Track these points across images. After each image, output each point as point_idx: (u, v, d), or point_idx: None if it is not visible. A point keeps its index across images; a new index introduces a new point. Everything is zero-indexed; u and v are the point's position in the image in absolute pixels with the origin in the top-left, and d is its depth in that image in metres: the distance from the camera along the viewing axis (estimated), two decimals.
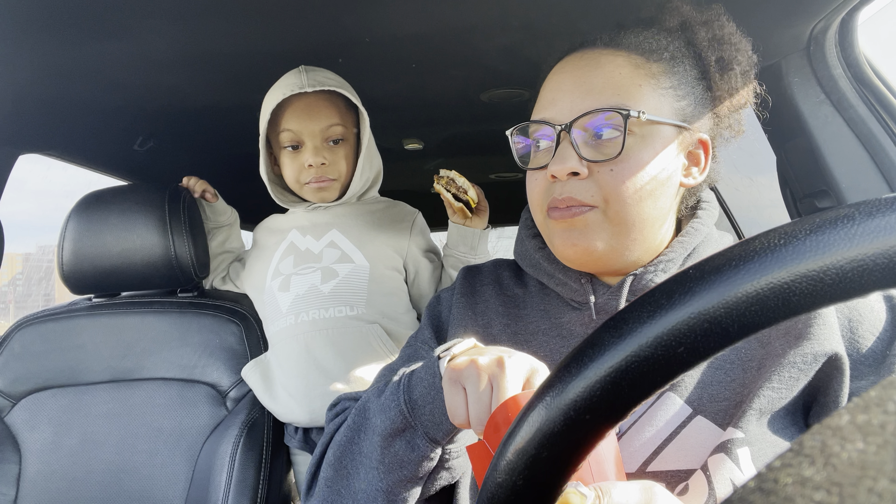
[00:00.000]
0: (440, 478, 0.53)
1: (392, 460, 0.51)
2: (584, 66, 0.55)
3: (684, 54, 0.56)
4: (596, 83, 0.54)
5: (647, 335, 0.24)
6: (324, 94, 1.00)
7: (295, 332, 1.00)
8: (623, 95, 0.53)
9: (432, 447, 0.50)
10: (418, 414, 0.50)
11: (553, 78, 0.58)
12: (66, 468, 1.01)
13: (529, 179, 0.59)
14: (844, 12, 0.82)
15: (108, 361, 1.07)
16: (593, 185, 0.53)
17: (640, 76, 0.53)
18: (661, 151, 0.53)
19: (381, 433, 0.52)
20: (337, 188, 1.05)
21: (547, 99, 0.57)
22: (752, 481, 0.13)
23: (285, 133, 1.01)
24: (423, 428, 0.50)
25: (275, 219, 1.15)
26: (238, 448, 0.98)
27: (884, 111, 0.87)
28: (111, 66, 0.92)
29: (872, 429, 0.13)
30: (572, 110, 0.54)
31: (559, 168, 0.53)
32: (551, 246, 0.59)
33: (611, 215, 0.53)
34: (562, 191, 0.54)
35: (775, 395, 0.48)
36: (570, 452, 0.26)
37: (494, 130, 1.67)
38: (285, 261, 1.06)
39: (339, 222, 1.07)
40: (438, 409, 0.49)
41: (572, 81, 0.55)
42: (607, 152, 0.52)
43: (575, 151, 0.53)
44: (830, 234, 0.22)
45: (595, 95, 0.53)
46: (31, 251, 30.24)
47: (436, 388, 0.49)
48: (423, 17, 0.83)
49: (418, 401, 0.50)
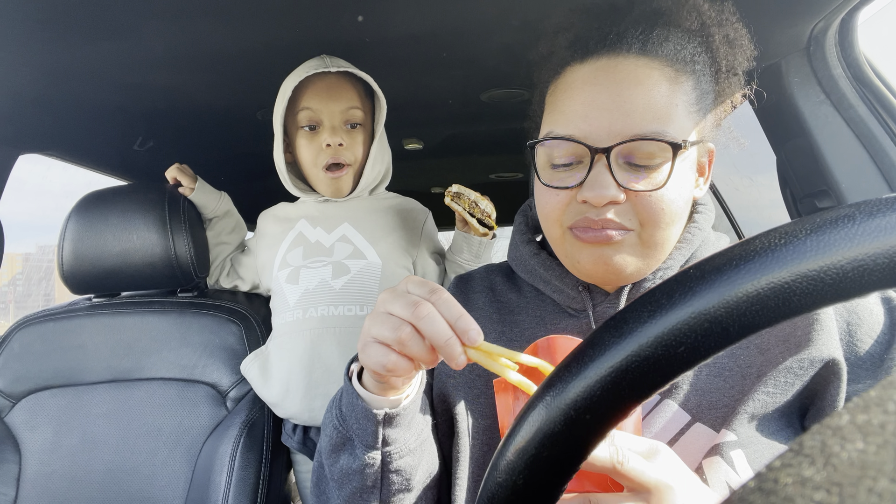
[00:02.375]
0: (393, 483, 0.52)
1: (341, 475, 0.52)
2: (621, 81, 0.50)
3: (704, 62, 0.53)
4: (637, 104, 0.49)
5: (647, 335, 0.24)
6: (346, 77, 1.00)
7: (302, 327, 0.99)
8: (663, 120, 0.49)
9: (370, 452, 0.50)
10: (349, 425, 0.51)
11: (583, 89, 0.52)
12: (65, 468, 1.01)
13: (546, 193, 0.54)
14: (844, 12, 0.81)
15: (108, 361, 1.07)
16: (630, 210, 0.50)
17: (675, 95, 0.51)
18: (689, 173, 0.52)
19: (327, 451, 0.53)
20: (350, 178, 1.04)
21: (577, 113, 0.51)
22: (752, 481, 0.13)
23: (304, 112, 0.99)
24: (357, 436, 0.51)
25: (282, 207, 1.13)
26: (238, 448, 0.97)
27: (884, 111, 0.87)
28: (111, 66, 0.92)
29: (872, 429, 0.13)
30: (611, 133, 0.49)
31: (597, 196, 0.49)
32: (572, 261, 0.55)
33: (644, 238, 0.51)
34: (598, 214, 0.50)
35: (769, 398, 0.48)
36: (570, 452, 0.26)
37: (494, 130, 1.67)
38: (294, 251, 1.04)
39: (351, 216, 1.05)
40: (360, 414, 0.49)
41: (609, 99, 0.50)
42: (650, 182, 0.50)
43: (612, 177, 0.49)
44: (831, 233, 0.22)
45: (636, 118, 0.49)
46: (31, 251, 30.28)
47: (350, 393, 0.50)
48: (423, 17, 0.83)
49: (345, 412, 0.51)
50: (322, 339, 0.98)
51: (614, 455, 0.37)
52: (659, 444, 0.40)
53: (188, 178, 1.15)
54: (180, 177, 1.15)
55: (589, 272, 0.54)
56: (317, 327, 0.98)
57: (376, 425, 0.49)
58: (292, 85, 0.95)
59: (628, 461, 0.37)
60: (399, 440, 0.51)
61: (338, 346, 0.98)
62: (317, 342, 0.98)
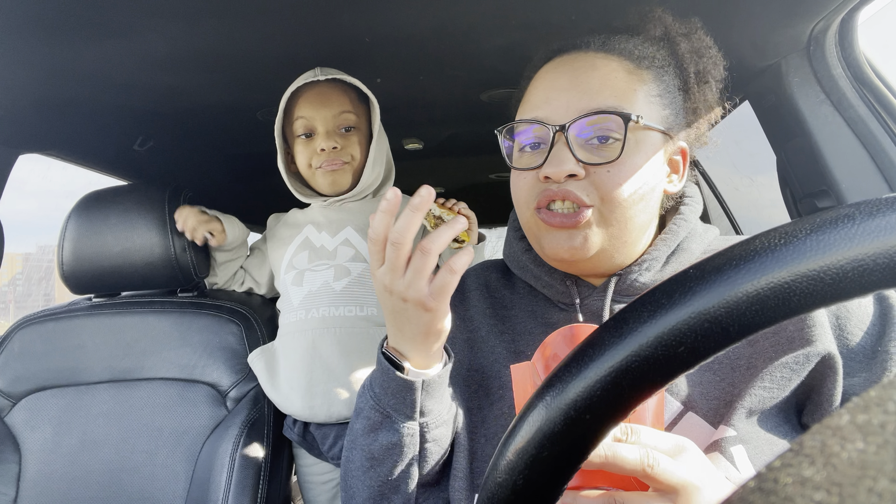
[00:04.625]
0: (429, 453, 0.55)
1: (380, 451, 0.55)
2: (580, 67, 0.55)
3: (669, 63, 0.57)
4: (593, 84, 0.53)
5: (647, 335, 0.24)
6: (336, 84, 1.03)
7: (304, 327, 1.02)
8: (619, 98, 0.53)
9: (408, 423, 0.54)
10: (385, 402, 0.54)
11: (545, 76, 0.57)
12: (65, 468, 1.01)
13: (516, 178, 0.58)
14: (844, 12, 0.81)
15: (108, 361, 1.07)
16: (590, 185, 0.53)
17: (633, 81, 0.54)
18: (652, 157, 0.54)
19: (363, 433, 0.56)
20: (349, 173, 1.06)
21: (539, 98, 0.56)
22: (751, 481, 0.13)
23: (299, 121, 1.03)
24: (395, 411, 0.54)
25: (293, 213, 1.16)
26: (238, 448, 0.98)
27: (884, 111, 0.87)
28: (111, 66, 0.92)
29: (872, 429, 0.13)
30: (569, 110, 0.53)
31: (556, 170, 0.52)
32: (538, 246, 0.58)
33: (605, 215, 0.53)
34: (558, 189, 0.53)
35: (766, 394, 0.48)
36: (570, 452, 0.26)
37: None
38: (300, 255, 1.07)
39: (353, 219, 1.08)
40: (395, 388, 0.53)
41: (568, 81, 0.54)
42: (605, 155, 0.53)
43: (571, 153, 0.52)
44: (831, 233, 0.22)
45: (592, 96, 0.53)
46: (31, 251, 30.20)
47: (384, 370, 0.54)
48: (423, 17, 0.83)
49: (379, 392, 0.55)
50: (322, 339, 1.00)
51: (644, 458, 0.37)
52: (685, 440, 0.40)
53: (212, 222, 1.10)
54: (203, 228, 1.08)
55: (555, 254, 0.56)
56: (318, 327, 1.01)
57: (414, 393, 0.53)
58: (286, 97, 1.00)
59: (658, 464, 0.37)
60: (434, 411, 0.55)
61: (337, 346, 1.00)
62: (317, 342, 1.00)
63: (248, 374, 1.06)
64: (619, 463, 0.37)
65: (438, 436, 0.55)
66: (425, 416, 0.54)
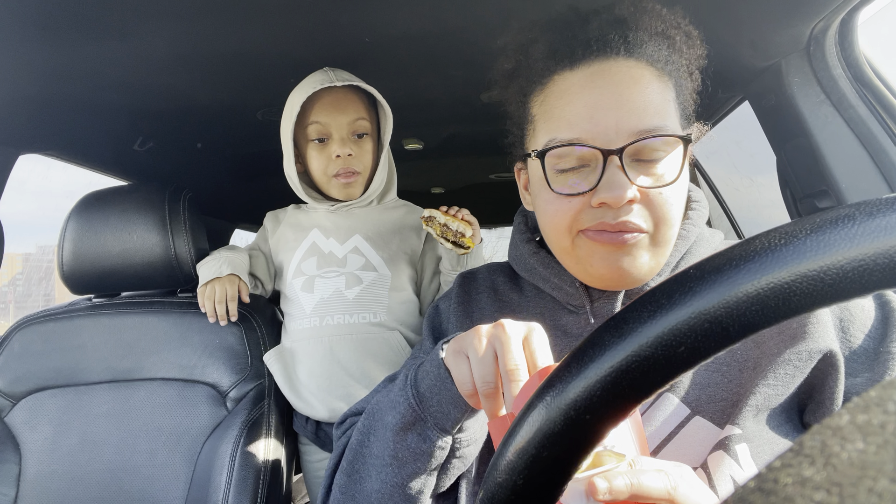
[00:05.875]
0: (452, 467, 0.53)
1: (405, 454, 0.52)
2: (619, 82, 0.51)
3: (676, 62, 0.55)
4: (637, 102, 0.50)
5: (647, 335, 0.24)
6: (351, 90, 1.04)
7: (320, 334, 1.03)
8: (662, 115, 0.51)
9: (443, 437, 0.51)
10: (427, 406, 0.51)
11: (580, 93, 0.52)
12: (65, 468, 1.01)
13: (556, 201, 0.54)
14: (844, 12, 0.81)
15: (108, 361, 1.07)
16: (645, 210, 0.51)
17: (664, 90, 0.52)
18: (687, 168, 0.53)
19: (393, 428, 0.53)
20: (361, 184, 1.08)
21: (580, 116, 0.51)
22: (752, 481, 0.13)
23: (313, 126, 1.03)
24: (433, 419, 0.51)
25: (293, 214, 1.14)
26: (238, 448, 0.98)
27: (884, 111, 0.87)
28: (111, 66, 0.92)
29: (872, 429, 0.13)
30: (619, 132, 0.50)
31: (616, 196, 0.49)
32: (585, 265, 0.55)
33: (657, 239, 0.52)
34: (615, 217, 0.50)
35: (771, 391, 0.48)
36: (570, 452, 0.26)
37: (494, 130, 1.66)
38: (308, 261, 1.07)
39: (361, 226, 1.08)
40: (446, 399, 0.50)
41: (613, 98, 0.51)
42: (661, 178, 0.51)
43: (626, 177, 0.50)
44: (831, 234, 0.22)
45: (640, 115, 0.50)
46: (31, 251, 30.35)
47: (441, 378, 0.50)
48: (423, 17, 0.83)
49: (425, 393, 0.51)
50: (339, 345, 1.03)
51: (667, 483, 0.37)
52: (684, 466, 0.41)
53: (241, 285, 1.09)
54: (234, 304, 1.07)
55: (602, 276, 0.53)
56: (334, 334, 1.03)
57: (462, 412, 0.50)
58: (300, 100, 0.98)
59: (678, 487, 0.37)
60: (471, 428, 0.53)
61: (355, 351, 1.02)
62: (335, 348, 1.03)
63: (248, 375, 1.06)
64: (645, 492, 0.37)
65: (467, 454, 0.53)
66: (461, 433, 0.52)
